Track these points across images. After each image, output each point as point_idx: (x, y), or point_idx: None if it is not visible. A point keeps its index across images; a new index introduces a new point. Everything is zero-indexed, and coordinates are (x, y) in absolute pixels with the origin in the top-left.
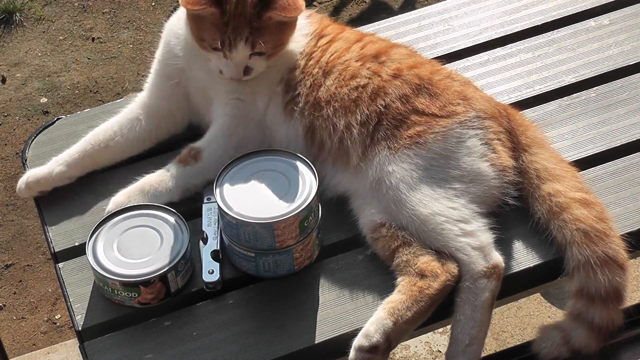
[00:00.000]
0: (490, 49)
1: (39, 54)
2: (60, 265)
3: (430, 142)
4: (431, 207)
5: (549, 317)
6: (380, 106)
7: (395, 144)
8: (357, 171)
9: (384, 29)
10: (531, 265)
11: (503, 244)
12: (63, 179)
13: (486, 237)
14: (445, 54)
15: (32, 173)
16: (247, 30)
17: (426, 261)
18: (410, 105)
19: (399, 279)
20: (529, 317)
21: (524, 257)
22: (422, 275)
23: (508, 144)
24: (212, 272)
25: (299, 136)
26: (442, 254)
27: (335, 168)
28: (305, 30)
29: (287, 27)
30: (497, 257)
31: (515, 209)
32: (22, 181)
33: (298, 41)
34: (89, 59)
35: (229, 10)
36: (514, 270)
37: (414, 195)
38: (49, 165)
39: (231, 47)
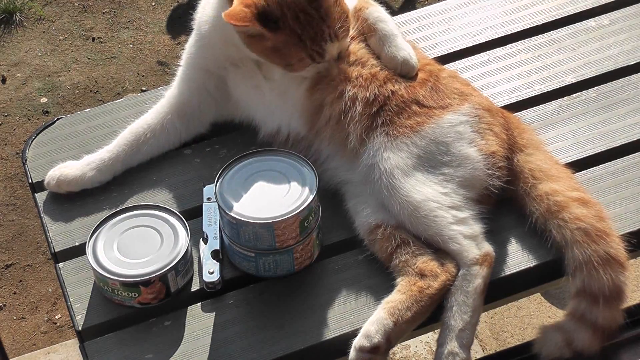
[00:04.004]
0: (490, 49)
1: (39, 54)
2: (60, 265)
3: (426, 131)
4: (424, 192)
5: (549, 317)
6: (389, 90)
7: (395, 132)
8: (352, 156)
9: None
10: (531, 265)
11: (502, 245)
12: (94, 183)
13: (478, 226)
14: (445, 54)
15: (64, 172)
16: (324, 28)
17: (425, 261)
18: (413, 95)
19: (398, 279)
20: (529, 317)
21: (524, 258)
22: (421, 275)
23: (502, 136)
24: (212, 272)
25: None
26: (438, 250)
27: (331, 148)
28: None
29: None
30: (488, 246)
31: (511, 210)
32: (52, 176)
33: None
34: (89, 59)
35: (292, 26)
36: (514, 271)
37: (407, 182)
38: (81, 167)
39: (321, 54)
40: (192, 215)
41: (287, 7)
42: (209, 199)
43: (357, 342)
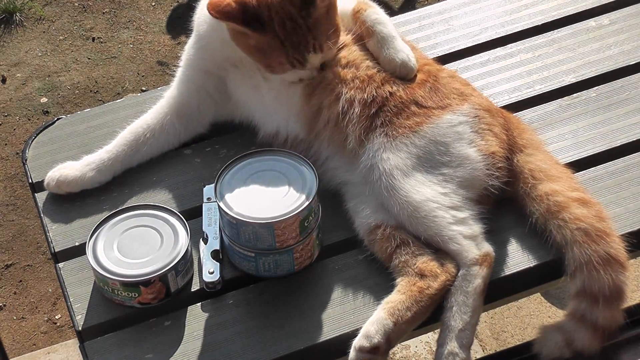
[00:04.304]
0: (490, 49)
1: (39, 54)
2: (60, 265)
3: (425, 131)
4: (423, 193)
5: (549, 317)
6: (387, 92)
7: (394, 132)
8: (351, 157)
9: None
10: (531, 265)
11: (502, 245)
12: (93, 184)
13: (478, 226)
14: (446, 54)
15: (64, 173)
16: (310, 38)
17: (425, 261)
18: (411, 96)
19: (398, 280)
20: (529, 317)
21: (524, 258)
22: (421, 275)
23: (502, 136)
24: (212, 272)
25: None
26: (438, 250)
27: (330, 149)
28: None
29: (332, 7)
30: (488, 246)
31: (512, 210)
32: (52, 177)
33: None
34: (89, 59)
35: (276, 31)
36: (514, 271)
37: (407, 182)
38: (80, 167)
39: (302, 63)
40: (192, 215)
41: (276, 12)
42: (209, 199)
43: (356, 342)
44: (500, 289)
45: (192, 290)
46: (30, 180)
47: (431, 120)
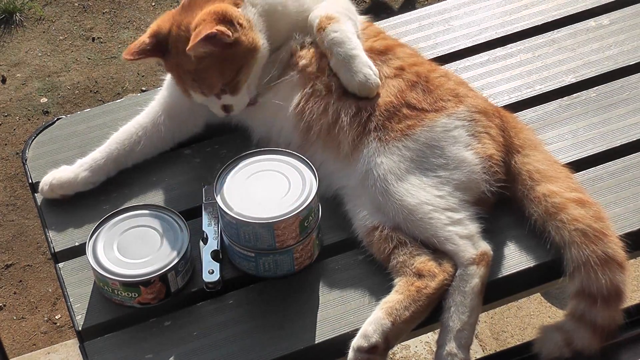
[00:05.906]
0: (490, 49)
1: (39, 54)
2: (60, 265)
3: (418, 134)
4: (418, 196)
5: (549, 317)
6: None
7: (386, 136)
8: (346, 162)
9: (384, 29)
10: (531, 265)
11: (502, 246)
12: (87, 185)
13: (474, 226)
14: (445, 54)
15: (57, 176)
16: (189, 77)
17: (423, 261)
18: (403, 99)
19: (396, 280)
20: (529, 317)
21: (524, 258)
22: (419, 275)
23: (499, 138)
24: (212, 272)
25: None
26: (436, 250)
27: (325, 155)
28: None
29: (229, 54)
30: (485, 245)
31: (511, 211)
32: (45, 182)
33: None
34: (89, 59)
35: (170, 61)
36: (514, 271)
37: (401, 186)
38: (73, 169)
39: (189, 94)
40: (192, 215)
41: (173, 44)
42: (209, 198)
43: (355, 342)
44: (500, 289)
45: (192, 290)
46: (30, 180)
47: (424, 123)
